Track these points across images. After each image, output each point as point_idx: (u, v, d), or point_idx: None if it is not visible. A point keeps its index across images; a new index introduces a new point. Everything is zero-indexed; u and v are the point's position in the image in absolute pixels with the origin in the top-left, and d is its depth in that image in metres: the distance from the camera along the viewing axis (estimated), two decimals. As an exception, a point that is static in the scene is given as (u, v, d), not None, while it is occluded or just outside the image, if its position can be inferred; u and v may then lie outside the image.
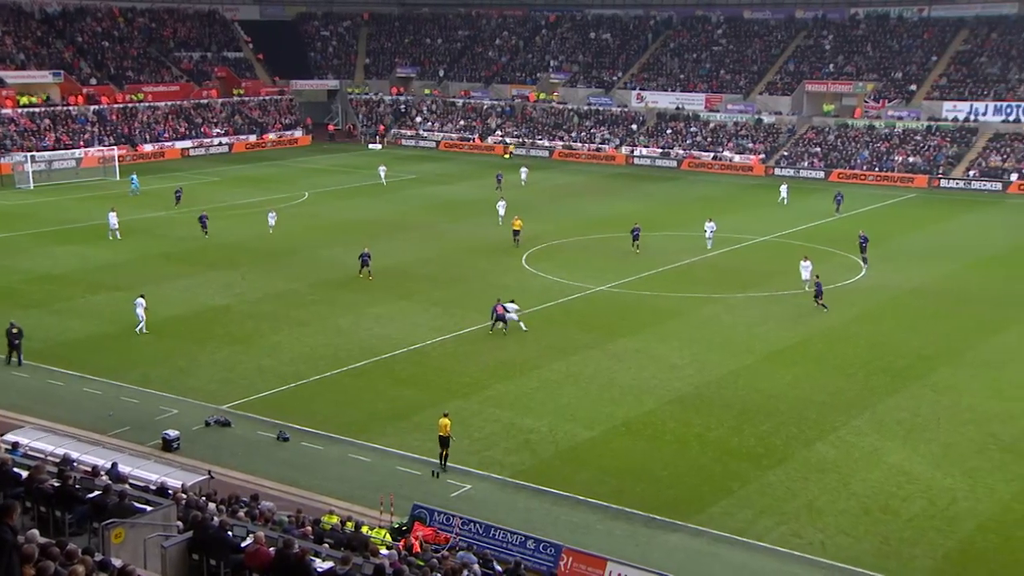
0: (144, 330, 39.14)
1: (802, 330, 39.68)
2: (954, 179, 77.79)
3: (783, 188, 70.57)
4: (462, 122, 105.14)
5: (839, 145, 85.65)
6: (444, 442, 27.21)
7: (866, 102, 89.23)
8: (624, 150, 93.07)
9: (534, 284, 46.88)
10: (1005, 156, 78.51)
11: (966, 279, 47.96)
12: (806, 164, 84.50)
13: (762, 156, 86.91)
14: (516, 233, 54.44)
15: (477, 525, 22.96)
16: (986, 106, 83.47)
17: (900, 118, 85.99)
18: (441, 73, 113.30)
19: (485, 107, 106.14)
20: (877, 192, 74.97)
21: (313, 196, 72.35)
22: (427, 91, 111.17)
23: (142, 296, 40.08)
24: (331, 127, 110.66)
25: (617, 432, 29.90)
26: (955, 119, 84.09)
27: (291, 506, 23.07)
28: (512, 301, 39.92)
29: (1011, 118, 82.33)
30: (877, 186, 78.29)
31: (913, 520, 24.33)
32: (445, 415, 27.41)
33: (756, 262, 51.71)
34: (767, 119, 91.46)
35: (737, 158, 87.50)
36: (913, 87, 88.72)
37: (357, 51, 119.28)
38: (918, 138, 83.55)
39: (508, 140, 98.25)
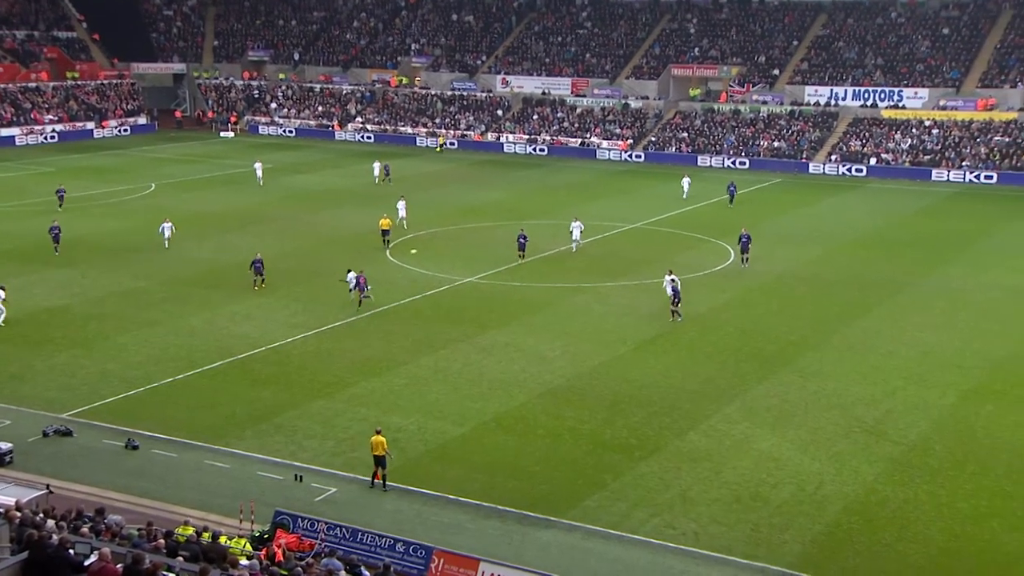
0: (1, 323, 38.07)
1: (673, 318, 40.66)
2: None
3: (685, 181, 67.13)
4: (320, 108, 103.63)
5: (706, 130, 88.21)
6: (380, 461, 26.09)
7: (731, 86, 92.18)
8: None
9: (400, 277, 46.64)
10: (864, 141, 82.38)
11: (831, 264, 50.12)
12: (673, 148, 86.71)
13: (630, 141, 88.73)
14: (385, 233, 52.29)
15: (343, 529, 22.72)
16: (845, 91, 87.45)
17: (764, 102, 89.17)
18: (296, 57, 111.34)
19: (344, 92, 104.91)
20: (744, 177, 77.49)
21: (160, 187, 70.09)
22: (282, 76, 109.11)
23: (1, 287, 38.46)
24: (178, 113, 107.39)
25: (488, 428, 30.06)
26: (817, 103, 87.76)
27: (141, 519, 22.29)
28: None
29: (868, 103, 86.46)
30: (744, 170, 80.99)
31: (783, 506, 25.33)
32: (378, 432, 26.43)
33: (626, 250, 52.78)
34: (634, 104, 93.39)
35: (604, 144, 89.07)
36: (776, 71, 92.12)
37: (204, 32, 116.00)
38: (782, 123, 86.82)
39: (440, 132, 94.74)
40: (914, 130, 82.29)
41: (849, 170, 79.77)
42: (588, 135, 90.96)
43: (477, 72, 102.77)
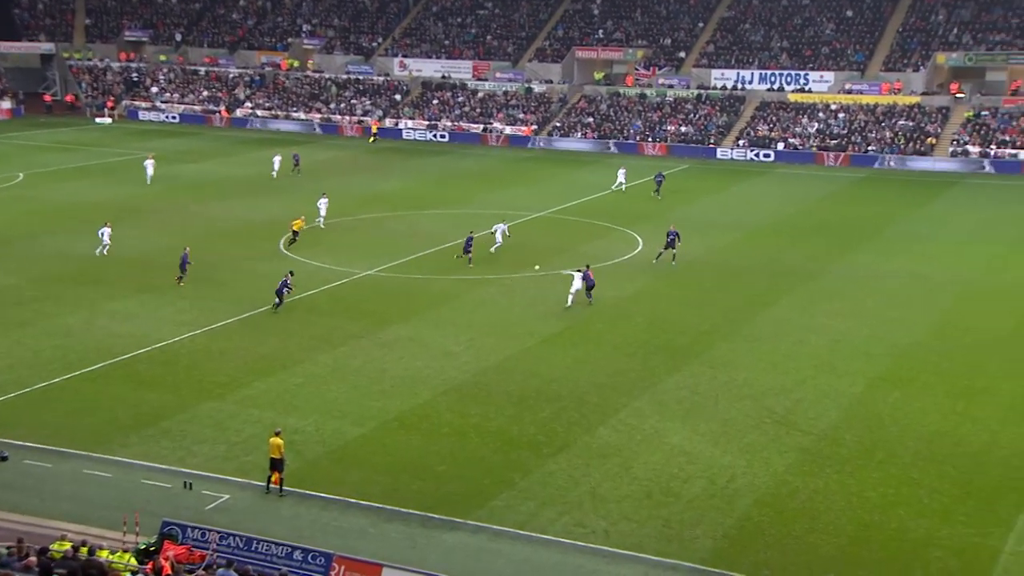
0: None
1: (581, 310, 41.05)
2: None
3: (621, 172, 66.60)
4: (205, 93, 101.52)
5: (612, 115, 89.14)
6: (276, 464, 25.66)
7: (637, 69, 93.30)
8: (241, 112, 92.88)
9: (296, 270, 45.99)
10: (772, 125, 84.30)
11: (740, 252, 51.15)
12: (579, 134, 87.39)
13: (534, 127, 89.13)
14: (296, 235, 50.23)
15: (237, 539, 22.36)
16: (752, 74, 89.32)
17: (671, 86, 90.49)
18: (178, 37, 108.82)
19: (231, 76, 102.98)
20: (652, 163, 78.47)
21: (29, 177, 67.78)
22: (163, 58, 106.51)
23: None
24: (47, 97, 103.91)
25: (390, 427, 29.94)
26: (723, 87, 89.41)
27: (11, 535, 21.60)
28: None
29: (775, 86, 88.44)
30: (651, 156, 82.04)
31: (694, 501, 25.82)
32: (277, 433, 26.00)
33: (532, 240, 52.97)
34: (538, 88, 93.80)
35: (508, 129, 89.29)
36: (682, 54, 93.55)
37: (75, 9, 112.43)
38: (689, 107, 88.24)
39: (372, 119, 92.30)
40: (820, 114, 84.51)
41: (757, 155, 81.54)
42: (491, 120, 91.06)
43: (373, 55, 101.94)
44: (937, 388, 33.18)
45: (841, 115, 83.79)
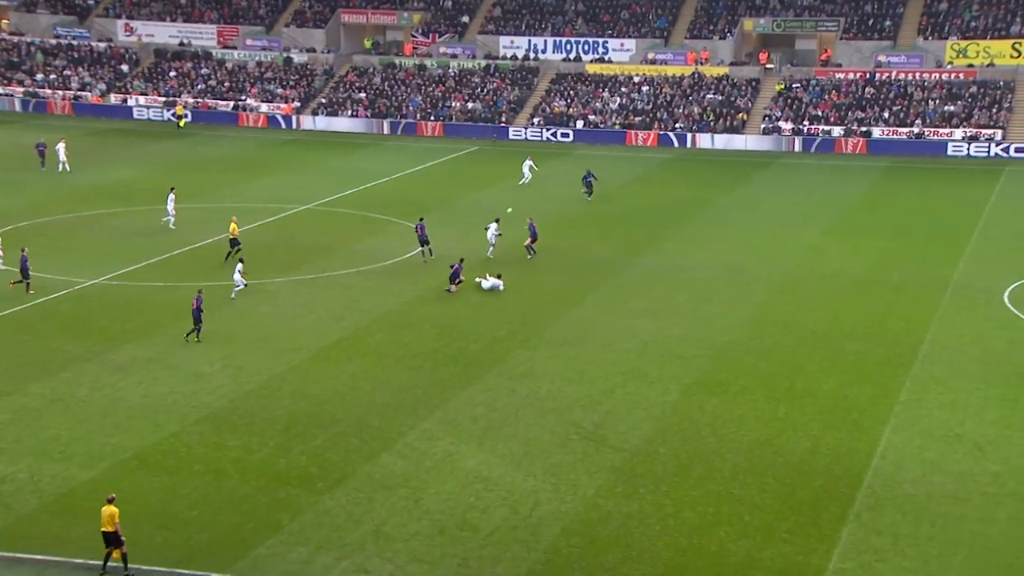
0: None
1: (358, 318, 40.96)
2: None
3: (526, 165, 66.47)
4: None
5: (387, 89, 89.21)
6: (112, 539, 24.14)
7: (414, 36, 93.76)
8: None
9: (-1, 281, 44.06)
10: (569, 100, 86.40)
11: (537, 245, 52.02)
12: (349, 112, 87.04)
13: (296, 104, 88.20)
14: (233, 242, 47.50)
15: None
16: (545, 42, 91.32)
17: (454, 56, 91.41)
18: None
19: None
20: (435, 146, 79.09)
21: None
22: None
23: None
24: None
25: (127, 467, 29.15)
26: (514, 57, 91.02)
27: None
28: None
29: (571, 56, 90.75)
30: (434, 138, 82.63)
31: (494, 534, 26.17)
32: (110, 500, 24.43)
33: (297, 237, 52.62)
34: (298, 58, 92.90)
35: (264, 107, 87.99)
36: (466, 19, 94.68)
37: None
38: (476, 80, 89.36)
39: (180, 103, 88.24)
40: (623, 88, 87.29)
41: (554, 135, 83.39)
42: (243, 96, 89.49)
43: (90, 15, 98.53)
44: (756, 392, 34.84)
45: (645, 88, 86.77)
